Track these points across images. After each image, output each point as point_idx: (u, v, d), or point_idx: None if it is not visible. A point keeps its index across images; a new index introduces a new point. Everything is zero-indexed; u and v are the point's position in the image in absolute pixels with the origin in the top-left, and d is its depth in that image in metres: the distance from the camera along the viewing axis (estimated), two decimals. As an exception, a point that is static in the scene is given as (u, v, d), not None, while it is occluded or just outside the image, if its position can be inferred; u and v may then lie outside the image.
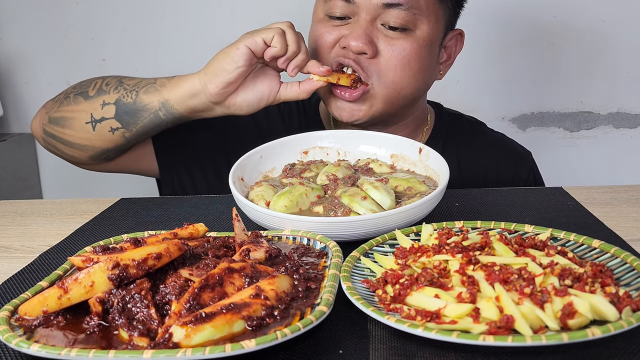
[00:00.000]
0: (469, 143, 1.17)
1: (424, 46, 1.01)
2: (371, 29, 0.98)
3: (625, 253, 0.60)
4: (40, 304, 0.53)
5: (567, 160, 1.75)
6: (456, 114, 1.24)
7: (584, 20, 1.64)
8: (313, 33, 1.06)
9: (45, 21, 1.76)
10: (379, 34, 0.99)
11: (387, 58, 0.99)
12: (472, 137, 1.19)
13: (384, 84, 1.00)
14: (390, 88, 1.00)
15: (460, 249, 0.59)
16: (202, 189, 1.12)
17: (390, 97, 1.01)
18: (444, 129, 1.17)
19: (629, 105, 1.71)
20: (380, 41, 0.99)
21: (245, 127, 1.15)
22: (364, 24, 0.98)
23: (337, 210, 0.76)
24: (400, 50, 0.98)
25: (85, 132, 1.01)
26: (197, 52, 1.72)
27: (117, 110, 0.99)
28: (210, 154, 1.13)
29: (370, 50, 0.97)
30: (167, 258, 0.56)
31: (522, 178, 1.17)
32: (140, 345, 0.49)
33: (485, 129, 1.23)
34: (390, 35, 0.99)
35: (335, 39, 1.01)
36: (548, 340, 0.46)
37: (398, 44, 0.98)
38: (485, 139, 1.20)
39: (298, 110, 1.19)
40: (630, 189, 0.93)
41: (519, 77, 1.70)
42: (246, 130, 1.14)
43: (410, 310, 0.52)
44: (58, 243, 0.80)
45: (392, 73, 0.99)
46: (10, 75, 1.82)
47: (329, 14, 1.01)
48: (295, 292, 0.56)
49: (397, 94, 1.01)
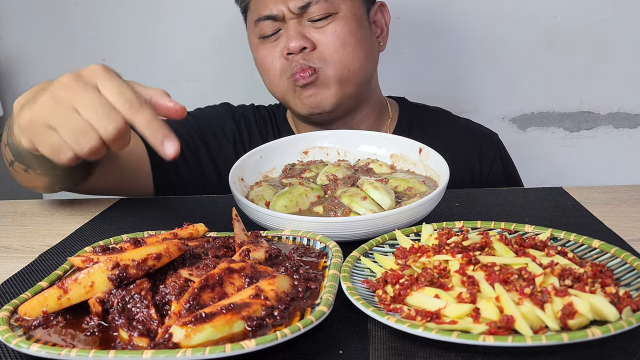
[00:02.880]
0: (434, 130, 1.21)
1: (352, 22, 1.09)
2: (301, 28, 1.07)
3: (625, 253, 0.60)
4: (40, 304, 0.53)
5: (567, 160, 1.75)
6: (420, 104, 1.29)
7: (584, 20, 1.64)
8: (257, 59, 1.14)
9: (45, 21, 1.76)
10: (309, 29, 1.07)
11: (325, 44, 1.07)
12: (437, 124, 1.24)
13: (331, 65, 1.07)
14: (338, 67, 1.08)
15: (460, 249, 0.59)
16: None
17: (342, 76, 1.08)
18: (408, 119, 1.23)
19: (629, 105, 1.70)
20: (313, 34, 1.07)
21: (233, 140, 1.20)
22: (293, 27, 1.07)
23: (337, 210, 0.76)
24: (332, 32, 1.07)
25: (14, 174, 0.89)
26: (197, 52, 1.72)
27: (12, 151, 0.82)
28: (201, 169, 1.16)
29: (308, 43, 1.06)
30: (167, 258, 0.56)
31: (490, 157, 1.21)
32: (140, 346, 0.49)
33: (450, 116, 1.28)
34: (319, 25, 1.07)
35: (278, 53, 1.09)
36: (548, 341, 0.46)
37: (329, 29, 1.07)
38: (450, 124, 1.25)
39: (271, 120, 1.25)
40: (630, 189, 0.93)
41: (519, 77, 1.70)
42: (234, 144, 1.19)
43: (410, 311, 0.52)
44: (58, 243, 0.80)
45: (335, 54, 1.07)
46: (10, 75, 1.82)
47: (262, 35, 1.10)
48: (295, 292, 0.56)
49: (347, 70, 1.08)
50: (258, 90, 1.72)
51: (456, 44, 1.67)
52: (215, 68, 1.72)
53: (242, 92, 1.72)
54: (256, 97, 1.34)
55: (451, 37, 1.68)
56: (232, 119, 1.21)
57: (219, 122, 1.20)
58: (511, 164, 1.24)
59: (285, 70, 1.08)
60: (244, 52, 1.73)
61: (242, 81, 1.72)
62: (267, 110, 1.27)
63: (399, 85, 1.52)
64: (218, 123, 1.20)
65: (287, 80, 1.09)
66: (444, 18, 1.20)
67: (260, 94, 1.76)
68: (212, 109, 1.24)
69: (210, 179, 1.15)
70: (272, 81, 1.12)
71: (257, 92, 1.72)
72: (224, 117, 1.21)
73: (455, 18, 1.64)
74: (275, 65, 1.09)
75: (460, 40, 1.67)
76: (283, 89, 1.11)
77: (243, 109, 1.25)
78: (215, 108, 1.24)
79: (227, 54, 1.70)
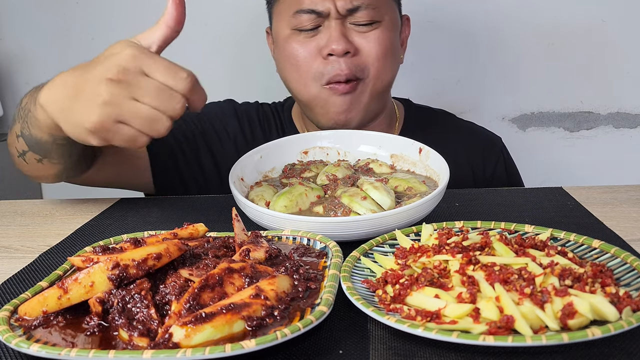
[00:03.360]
0: (438, 133, 1.20)
1: (392, 32, 1.08)
2: (344, 30, 1.04)
3: (625, 253, 0.60)
4: (40, 304, 0.53)
5: (567, 160, 1.75)
6: (424, 107, 1.29)
7: (584, 20, 1.64)
8: (287, 51, 1.08)
9: (45, 21, 1.76)
10: (352, 32, 1.04)
11: (368, 51, 1.04)
12: (442, 126, 1.23)
13: (370, 75, 1.05)
14: (375, 78, 1.06)
15: (460, 249, 0.59)
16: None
17: (376, 89, 1.07)
18: (413, 121, 1.22)
19: (629, 105, 1.71)
20: (355, 38, 1.04)
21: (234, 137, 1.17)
22: (338, 27, 1.03)
23: (337, 210, 0.76)
24: (375, 40, 1.04)
25: (23, 165, 0.90)
26: (197, 52, 1.72)
27: (27, 142, 0.84)
28: (201, 168, 1.15)
29: (352, 48, 1.03)
30: (167, 258, 0.56)
31: (493, 160, 1.20)
32: (140, 346, 0.49)
33: (455, 119, 1.28)
34: (363, 30, 1.04)
35: (315, 49, 1.05)
36: (548, 341, 0.46)
37: (372, 35, 1.05)
38: (455, 127, 1.24)
39: (274, 119, 1.22)
40: (630, 189, 0.93)
41: (519, 77, 1.70)
42: (235, 141, 1.16)
43: (410, 311, 0.52)
44: (58, 243, 0.80)
45: (376, 63, 1.05)
46: (10, 75, 1.82)
47: (298, 27, 1.05)
48: (295, 292, 0.56)
49: (380, 82, 1.07)
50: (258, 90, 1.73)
51: (456, 44, 1.67)
52: (216, 68, 1.72)
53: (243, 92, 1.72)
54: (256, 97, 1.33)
55: (451, 37, 1.68)
56: (235, 117, 1.19)
57: (221, 120, 1.18)
58: (514, 168, 1.24)
59: (322, 74, 1.04)
60: (244, 52, 1.73)
61: (242, 81, 1.72)
62: (271, 108, 1.24)
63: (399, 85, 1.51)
64: (221, 121, 1.18)
65: (321, 87, 1.05)
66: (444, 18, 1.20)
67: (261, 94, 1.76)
68: (216, 105, 1.22)
69: (210, 176, 1.14)
70: (301, 80, 1.06)
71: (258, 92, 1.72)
72: (227, 115, 1.19)
73: (455, 18, 1.64)
74: (311, 65, 1.04)
75: (460, 40, 1.67)
76: (314, 94, 1.06)
77: (246, 106, 1.23)
78: (219, 105, 1.22)
79: (227, 54, 1.70)
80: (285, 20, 1.07)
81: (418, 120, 1.23)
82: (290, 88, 1.11)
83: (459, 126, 1.26)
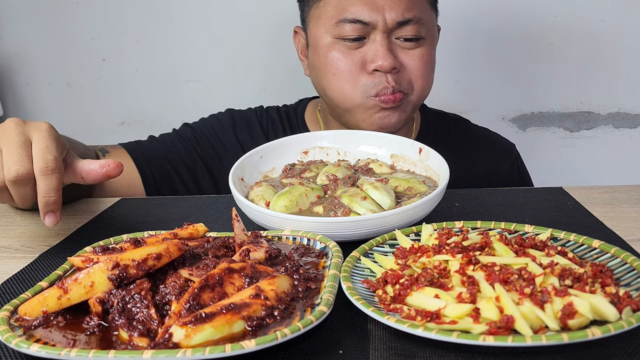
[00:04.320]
0: (454, 139, 1.21)
1: (434, 48, 1.09)
2: (390, 45, 1.03)
3: (625, 253, 0.60)
4: (40, 304, 0.53)
5: (567, 160, 1.75)
6: (440, 112, 1.29)
7: (584, 20, 1.64)
8: (327, 58, 1.06)
9: (45, 21, 1.76)
10: (397, 48, 1.05)
11: (413, 68, 1.05)
12: (458, 133, 1.23)
13: (415, 91, 1.07)
14: (420, 93, 1.08)
15: (460, 249, 0.59)
16: None
17: (419, 102, 1.09)
18: (430, 127, 1.22)
19: (629, 105, 1.70)
20: (400, 54, 1.05)
21: (233, 149, 1.16)
22: (384, 42, 1.03)
23: (337, 210, 0.76)
24: (420, 57, 1.05)
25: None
26: (197, 52, 1.72)
27: None
28: (198, 185, 1.15)
29: (398, 64, 1.03)
30: (167, 258, 0.56)
31: (506, 168, 1.21)
32: (140, 346, 0.49)
33: (470, 125, 1.28)
34: (407, 46, 1.05)
35: (359, 62, 1.04)
36: (548, 341, 0.46)
37: (417, 52, 1.05)
38: (470, 134, 1.25)
39: (282, 123, 1.21)
40: (630, 189, 0.93)
41: (519, 77, 1.70)
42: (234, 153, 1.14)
43: (410, 311, 0.52)
44: (58, 243, 0.80)
45: (420, 79, 1.06)
46: (10, 75, 1.82)
47: (342, 37, 1.04)
48: (295, 292, 0.56)
49: (423, 97, 1.10)
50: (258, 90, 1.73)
51: (456, 44, 1.67)
52: (216, 68, 1.72)
53: (243, 92, 1.73)
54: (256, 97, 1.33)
55: (451, 37, 1.68)
56: (231, 126, 1.18)
57: (219, 136, 1.18)
58: (527, 175, 1.25)
59: (368, 87, 1.04)
60: (244, 52, 1.73)
61: (242, 81, 1.72)
62: (279, 111, 1.22)
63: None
64: (218, 137, 1.18)
65: (367, 97, 1.04)
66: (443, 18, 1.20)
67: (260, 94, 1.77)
68: (214, 119, 1.21)
69: (209, 193, 1.15)
70: (344, 90, 1.05)
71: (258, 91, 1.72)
72: (224, 126, 1.19)
73: (455, 18, 1.64)
74: (355, 77, 1.04)
75: (459, 40, 1.67)
76: (357, 103, 1.05)
77: (246, 112, 1.22)
78: (217, 119, 1.21)
79: (227, 54, 1.70)
80: (325, 27, 1.05)
81: (434, 126, 1.23)
82: (328, 95, 1.09)
83: (474, 132, 1.26)
